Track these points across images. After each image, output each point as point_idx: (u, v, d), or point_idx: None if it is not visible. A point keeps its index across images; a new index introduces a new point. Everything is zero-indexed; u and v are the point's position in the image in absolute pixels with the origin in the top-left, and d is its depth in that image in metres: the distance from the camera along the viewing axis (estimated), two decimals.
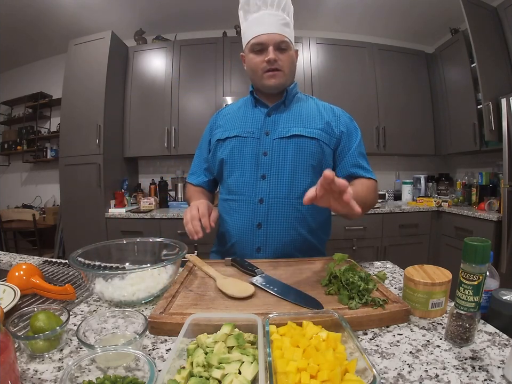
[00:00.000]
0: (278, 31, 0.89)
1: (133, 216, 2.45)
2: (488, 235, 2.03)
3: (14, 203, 3.66)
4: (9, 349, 0.36)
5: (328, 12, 2.90)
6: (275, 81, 0.92)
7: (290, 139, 0.93)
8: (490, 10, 2.33)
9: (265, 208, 0.92)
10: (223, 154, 0.98)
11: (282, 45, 0.90)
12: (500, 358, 0.45)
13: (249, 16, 0.93)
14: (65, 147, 2.60)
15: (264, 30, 0.89)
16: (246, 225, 0.93)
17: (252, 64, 0.93)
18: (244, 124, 0.98)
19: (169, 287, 0.67)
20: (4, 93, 3.61)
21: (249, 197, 0.93)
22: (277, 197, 0.92)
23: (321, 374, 0.37)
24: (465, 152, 2.72)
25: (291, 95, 1.00)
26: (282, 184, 0.92)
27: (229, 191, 0.99)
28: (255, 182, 0.93)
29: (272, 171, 0.93)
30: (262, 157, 0.93)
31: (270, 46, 0.89)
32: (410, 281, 0.58)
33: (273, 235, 0.92)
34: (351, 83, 2.81)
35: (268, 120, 0.97)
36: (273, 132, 0.95)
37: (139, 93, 2.79)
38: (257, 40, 0.89)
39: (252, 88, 1.01)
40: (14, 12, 2.62)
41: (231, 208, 0.97)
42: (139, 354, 0.40)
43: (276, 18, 0.89)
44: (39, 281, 0.66)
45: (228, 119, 1.03)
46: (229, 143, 0.97)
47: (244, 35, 0.96)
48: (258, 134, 0.95)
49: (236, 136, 0.96)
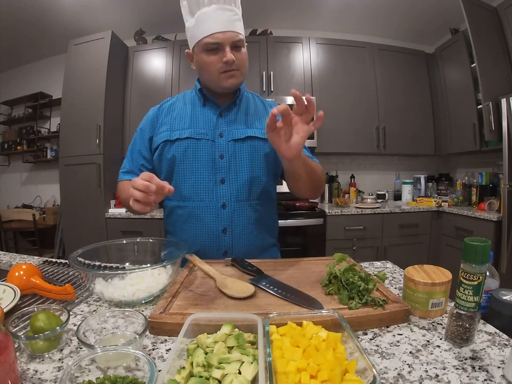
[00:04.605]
0: (233, 28, 0.83)
1: (133, 216, 2.45)
2: (488, 235, 2.04)
3: (14, 203, 3.66)
4: (9, 349, 0.36)
5: (328, 12, 2.90)
6: (233, 81, 0.87)
7: (245, 141, 0.92)
8: (490, 10, 2.33)
9: (229, 212, 0.90)
10: (175, 155, 0.91)
11: (239, 43, 0.85)
12: (500, 358, 0.45)
13: (198, 11, 0.83)
14: (65, 147, 2.60)
15: (219, 27, 0.81)
16: (210, 232, 0.90)
17: (204, 64, 0.86)
18: (195, 124, 0.92)
19: (169, 287, 0.67)
20: (4, 93, 3.61)
21: (210, 203, 0.90)
22: (238, 200, 0.91)
23: (321, 374, 0.37)
24: (465, 152, 2.72)
25: (242, 94, 0.97)
26: (242, 187, 0.91)
27: (182, 197, 0.92)
28: (214, 186, 0.90)
29: (231, 174, 0.90)
30: (219, 160, 0.90)
31: (227, 45, 0.82)
32: (410, 281, 0.58)
33: (239, 238, 0.91)
34: (351, 83, 2.82)
35: (221, 121, 0.93)
36: (227, 133, 0.92)
37: (139, 93, 2.79)
38: (212, 39, 0.82)
39: (200, 85, 0.96)
40: (14, 12, 2.62)
41: (189, 215, 0.91)
42: (139, 354, 0.40)
43: (229, 14, 0.83)
44: (39, 281, 0.66)
45: (174, 117, 0.95)
46: (180, 145, 0.91)
47: (191, 31, 0.86)
48: (212, 136, 0.91)
49: (188, 137, 0.91)
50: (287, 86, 2.68)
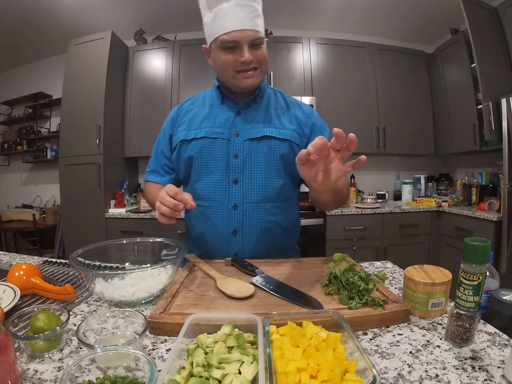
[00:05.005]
0: (252, 26, 0.80)
1: (133, 216, 2.45)
2: (488, 235, 2.04)
3: (14, 203, 3.66)
4: (9, 349, 0.36)
5: (328, 12, 2.90)
6: (251, 81, 0.85)
7: (261, 141, 0.89)
8: (490, 10, 2.33)
9: (240, 214, 0.88)
10: (192, 155, 0.91)
11: (257, 41, 0.81)
12: (500, 358, 0.45)
13: (216, 6, 0.80)
14: (65, 147, 2.61)
15: (237, 25, 0.79)
16: (220, 233, 0.89)
17: (221, 62, 0.84)
18: (212, 123, 0.91)
19: (169, 287, 0.67)
20: (4, 93, 3.61)
21: (222, 203, 0.88)
22: (251, 202, 0.88)
23: (321, 374, 0.37)
24: (465, 152, 2.72)
25: (263, 91, 0.94)
26: (255, 188, 0.88)
27: (196, 196, 0.90)
28: (226, 186, 0.88)
29: (244, 175, 0.88)
30: (233, 160, 0.88)
31: (244, 44, 0.80)
32: (410, 281, 0.58)
33: (250, 241, 0.89)
34: (351, 83, 2.82)
35: (238, 120, 0.91)
36: (244, 132, 0.89)
37: (139, 93, 2.79)
38: (229, 37, 0.79)
39: (218, 83, 0.93)
40: (14, 12, 2.62)
41: (202, 215, 0.91)
42: (139, 354, 0.40)
43: (248, 10, 0.79)
44: (39, 281, 0.66)
45: (192, 116, 0.95)
46: (196, 145, 0.90)
47: (209, 27, 0.84)
48: (228, 135, 0.89)
49: (204, 137, 0.90)
50: (287, 86, 2.68)
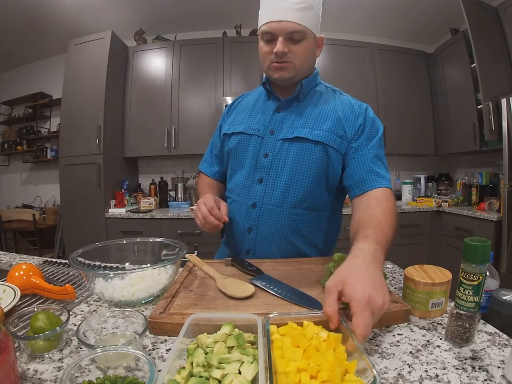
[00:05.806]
0: (293, 18, 0.75)
1: (133, 216, 2.45)
2: (488, 235, 2.03)
3: (14, 203, 3.66)
4: (9, 349, 0.36)
5: (328, 12, 2.87)
6: (282, 74, 0.82)
7: (293, 142, 0.85)
8: (490, 10, 2.33)
9: (257, 213, 0.88)
10: (231, 148, 0.94)
11: (295, 35, 0.77)
12: (500, 358, 0.45)
13: None
14: (65, 147, 2.61)
15: (276, 16, 0.76)
16: (237, 228, 0.92)
17: (260, 52, 0.84)
18: (252, 119, 0.91)
19: (169, 287, 0.67)
20: (4, 93, 3.61)
21: (244, 200, 0.90)
22: (269, 204, 0.86)
23: (322, 374, 0.37)
24: (465, 152, 2.72)
25: (307, 88, 0.89)
26: (277, 190, 0.86)
27: (228, 188, 0.97)
28: (251, 184, 0.89)
29: (270, 175, 0.87)
30: (262, 159, 0.87)
31: (280, 36, 0.77)
32: (410, 281, 0.58)
33: (263, 241, 0.89)
34: (351, 83, 2.81)
35: (276, 117, 0.88)
36: (278, 131, 0.87)
37: (139, 93, 2.79)
38: (267, 28, 0.78)
39: (265, 80, 0.91)
40: (14, 12, 2.62)
41: (230, 207, 0.93)
42: (139, 354, 0.40)
43: (292, 1, 0.75)
44: (39, 281, 0.66)
45: (238, 111, 0.98)
46: (234, 139, 0.92)
47: (260, 15, 0.83)
48: (263, 132, 0.88)
49: (241, 132, 0.91)
50: None
